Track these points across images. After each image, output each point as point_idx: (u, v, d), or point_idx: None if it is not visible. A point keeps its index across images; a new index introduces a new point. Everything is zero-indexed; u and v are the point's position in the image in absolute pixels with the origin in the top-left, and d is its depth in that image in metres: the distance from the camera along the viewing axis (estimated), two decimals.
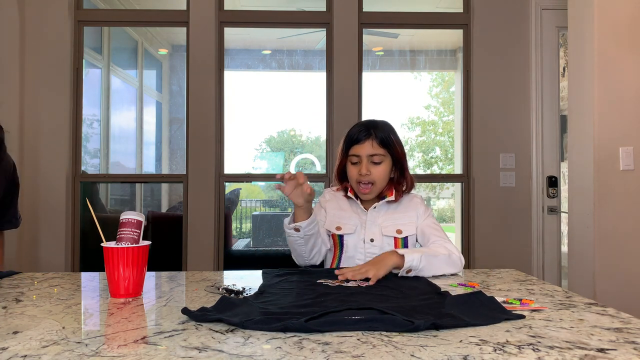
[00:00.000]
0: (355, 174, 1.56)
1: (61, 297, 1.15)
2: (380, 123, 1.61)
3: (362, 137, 1.56)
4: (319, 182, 3.54)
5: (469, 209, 3.37)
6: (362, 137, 1.56)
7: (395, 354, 0.75)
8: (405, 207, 1.63)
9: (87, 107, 3.46)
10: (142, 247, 1.16)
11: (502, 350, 0.76)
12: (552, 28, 3.37)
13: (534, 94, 3.35)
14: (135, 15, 3.60)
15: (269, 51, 4.16)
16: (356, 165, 1.57)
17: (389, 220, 1.60)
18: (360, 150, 1.56)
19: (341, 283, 1.25)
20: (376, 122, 1.61)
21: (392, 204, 1.62)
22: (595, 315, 0.97)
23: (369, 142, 1.55)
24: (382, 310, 0.91)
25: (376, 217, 1.61)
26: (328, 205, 1.68)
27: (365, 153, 1.55)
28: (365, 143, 1.55)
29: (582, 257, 2.51)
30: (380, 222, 1.59)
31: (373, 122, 1.60)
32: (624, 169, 2.44)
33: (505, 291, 1.20)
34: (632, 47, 2.47)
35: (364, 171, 1.54)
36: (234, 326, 0.88)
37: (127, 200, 4.18)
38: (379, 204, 1.61)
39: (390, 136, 1.58)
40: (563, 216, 3.35)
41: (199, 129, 3.31)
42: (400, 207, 1.63)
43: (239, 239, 4.93)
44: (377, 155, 1.55)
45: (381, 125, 1.59)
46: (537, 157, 3.34)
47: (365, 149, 1.55)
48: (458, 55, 3.78)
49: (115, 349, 0.77)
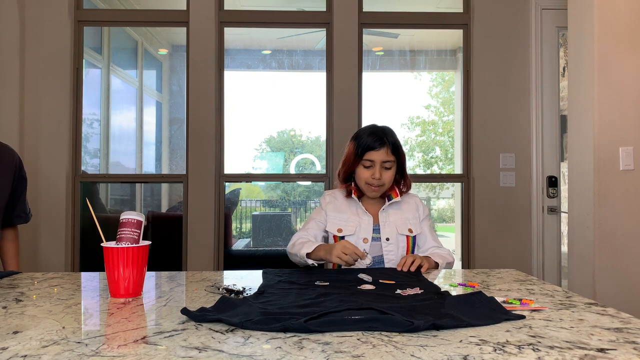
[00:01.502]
0: (368, 177, 1.69)
1: (61, 297, 1.15)
2: (387, 129, 1.74)
3: (378, 145, 1.68)
4: (319, 182, 3.54)
5: (469, 209, 3.37)
6: (378, 145, 1.69)
7: (395, 354, 0.75)
8: (409, 207, 1.77)
9: (87, 107, 3.46)
10: (142, 247, 1.16)
11: (502, 350, 0.76)
12: (552, 28, 3.37)
13: (534, 94, 3.35)
14: (135, 15, 3.60)
15: (269, 51, 4.16)
16: (369, 169, 1.70)
17: (400, 220, 1.73)
18: (375, 156, 1.69)
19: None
20: (384, 128, 1.74)
21: (396, 203, 1.76)
22: (595, 315, 0.97)
23: (384, 150, 1.69)
24: (382, 311, 0.91)
25: (387, 217, 1.72)
26: (328, 207, 1.77)
27: (379, 159, 1.69)
28: (381, 150, 1.69)
29: (582, 257, 2.51)
30: (393, 221, 1.71)
31: (382, 129, 1.73)
32: (624, 169, 2.44)
33: (505, 291, 1.20)
34: (632, 47, 2.47)
35: (377, 175, 1.68)
36: (234, 326, 0.88)
37: (127, 200, 4.18)
38: (386, 205, 1.73)
39: (398, 143, 1.74)
40: (563, 216, 3.35)
41: (199, 129, 3.31)
42: (404, 207, 1.76)
43: (239, 239, 4.93)
44: (389, 161, 1.70)
45: (389, 132, 1.74)
46: (537, 157, 3.34)
47: (380, 156, 1.69)
48: (458, 55, 3.78)
49: (115, 349, 0.77)
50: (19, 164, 1.86)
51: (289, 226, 4.59)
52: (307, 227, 1.74)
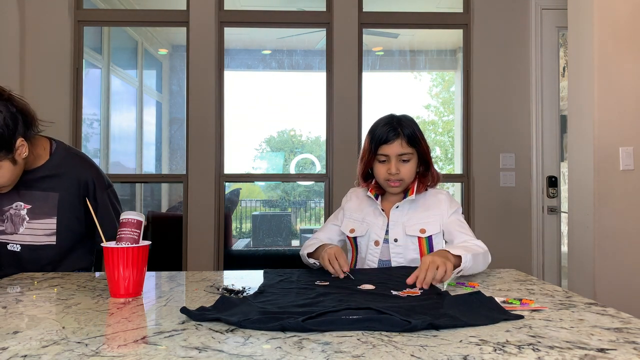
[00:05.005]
0: (384, 172, 1.56)
1: (61, 297, 1.15)
2: (404, 119, 1.59)
3: (391, 137, 1.54)
4: (319, 182, 3.54)
5: (469, 209, 3.37)
6: (391, 137, 1.54)
7: (395, 354, 0.75)
8: (430, 204, 1.60)
9: (87, 107, 3.46)
10: (142, 247, 1.16)
11: (502, 350, 0.76)
12: (552, 28, 3.37)
13: (534, 94, 3.35)
14: (135, 15, 3.60)
15: (269, 51, 4.16)
16: (385, 164, 1.56)
17: (414, 219, 1.58)
18: (389, 150, 1.54)
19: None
20: (400, 118, 1.58)
21: (417, 200, 1.60)
22: (595, 315, 0.97)
23: (397, 142, 1.54)
24: (380, 310, 0.91)
25: (399, 216, 1.59)
26: (348, 206, 1.69)
27: (394, 153, 1.54)
28: (394, 143, 1.54)
29: (582, 257, 2.51)
30: (404, 222, 1.58)
31: (397, 119, 1.57)
32: (624, 169, 2.43)
33: (505, 291, 1.20)
34: (632, 47, 2.47)
35: (394, 170, 1.54)
36: (232, 325, 0.88)
37: (127, 200, 4.18)
38: (401, 203, 1.59)
39: (416, 133, 1.57)
40: (563, 216, 3.35)
41: (199, 129, 3.31)
42: (425, 204, 1.60)
43: (239, 239, 4.93)
44: (405, 154, 1.55)
45: (406, 122, 1.57)
46: (537, 157, 3.34)
47: (394, 149, 1.54)
48: (458, 55, 3.78)
49: (115, 349, 0.77)
50: (84, 185, 1.61)
51: (289, 226, 4.59)
52: (322, 228, 1.72)
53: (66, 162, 1.61)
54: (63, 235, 1.59)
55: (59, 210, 1.58)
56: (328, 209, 3.37)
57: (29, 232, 1.57)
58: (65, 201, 1.59)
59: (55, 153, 1.61)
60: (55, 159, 1.60)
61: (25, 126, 1.48)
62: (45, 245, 1.58)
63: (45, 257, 1.59)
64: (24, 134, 1.47)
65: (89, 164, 1.66)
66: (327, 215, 3.38)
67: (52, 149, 1.62)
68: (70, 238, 1.62)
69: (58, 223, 1.58)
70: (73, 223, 1.61)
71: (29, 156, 1.52)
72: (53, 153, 1.61)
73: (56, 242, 1.59)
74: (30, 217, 1.57)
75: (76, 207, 1.60)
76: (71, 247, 1.63)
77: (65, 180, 1.59)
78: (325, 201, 3.43)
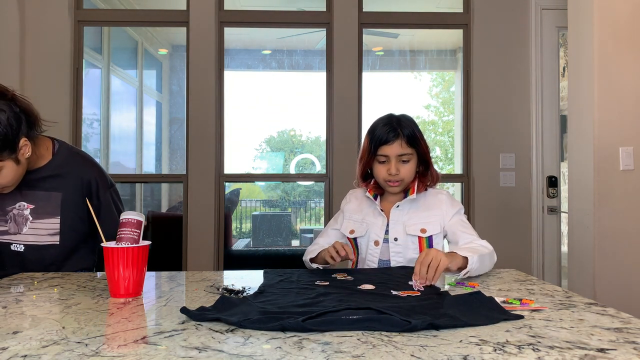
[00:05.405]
0: (384, 173, 1.56)
1: (61, 297, 1.15)
2: (403, 119, 1.58)
3: (391, 138, 1.53)
4: (319, 182, 3.54)
5: (469, 209, 3.37)
6: (391, 137, 1.53)
7: (395, 354, 0.75)
8: (431, 204, 1.60)
9: (87, 107, 3.46)
10: (142, 247, 1.16)
11: (502, 350, 0.76)
12: (552, 28, 3.37)
13: (534, 94, 3.35)
14: (135, 15, 3.60)
15: (269, 51, 4.16)
16: (384, 164, 1.56)
17: (414, 218, 1.58)
18: (389, 150, 1.54)
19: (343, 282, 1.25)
20: (399, 118, 1.58)
21: (417, 200, 1.60)
22: (595, 315, 0.97)
23: (397, 143, 1.54)
24: (380, 310, 0.91)
25: (400, 215, 1.59)
26: (347, 207, 1.69)
27: (394, 153, 1.54)
28: (394, 144, 1.53)
29: (582, 257, 2.51)
30: (405, 221, 1.57)
31: (397, 119, 1.57)
32: (624, 169, 2.43)
33: (505, 291, 1.20)
34: (631, 47, 2.47)
35: (394, 171, 1.54)
36: (232, 325, 0.88)
37: (127, 200, 4.18)
38: (402, 202, 1.59)
39: (416, 133, 1.57)
40: (563, 216, 3.35)
41: (199, 129, 3.31)
42: (425, 204, 1.60)
43: (239, 239, 4.93)
44: (405, 154, 1.55)
45: (405, 122, 1.57)
46: (537, 157, 3.34)
47: (394, 150, 1.54)
48: (458, 55, 3.78)
49: (115, 349, 0.77)
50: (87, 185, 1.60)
51: (289, 226, 4.60)
52: (323, 234, 1.72)
53: (69, 161, 1.61)
54: (67, 235, 1.59)
55: (62, 209, 1.58)
56: (328, 209, 3.37)
57: (33, 232, 1.57)
58: (69, 201, 1.58)
59: (57, 153, 1.61)
60: (57, 158, 1.60)
61: (29, 126, 1.48)
62: (49, 245, 1.58)
63: (49, 256, 1.58)
64: (27, 134, 1.47)
65: (92, 164, 1.65)
66: (327, 215, 3.38)
67: (55, 148, 1.62)
68: (74, 238, 1.62)
69: (62, 223, 1.58)
70: (76, 223, 1.61)
71: (32, 156, 1.51)
72: (56, 153, 1.61)
73: (60, 242, 1.59)
74: (34, 217, 1.57)
75: (79, 207, 1.60)
76: (75, 247, 1.63)
77: (68, 180, 1.59)
78: (325, 201, 3.43)
